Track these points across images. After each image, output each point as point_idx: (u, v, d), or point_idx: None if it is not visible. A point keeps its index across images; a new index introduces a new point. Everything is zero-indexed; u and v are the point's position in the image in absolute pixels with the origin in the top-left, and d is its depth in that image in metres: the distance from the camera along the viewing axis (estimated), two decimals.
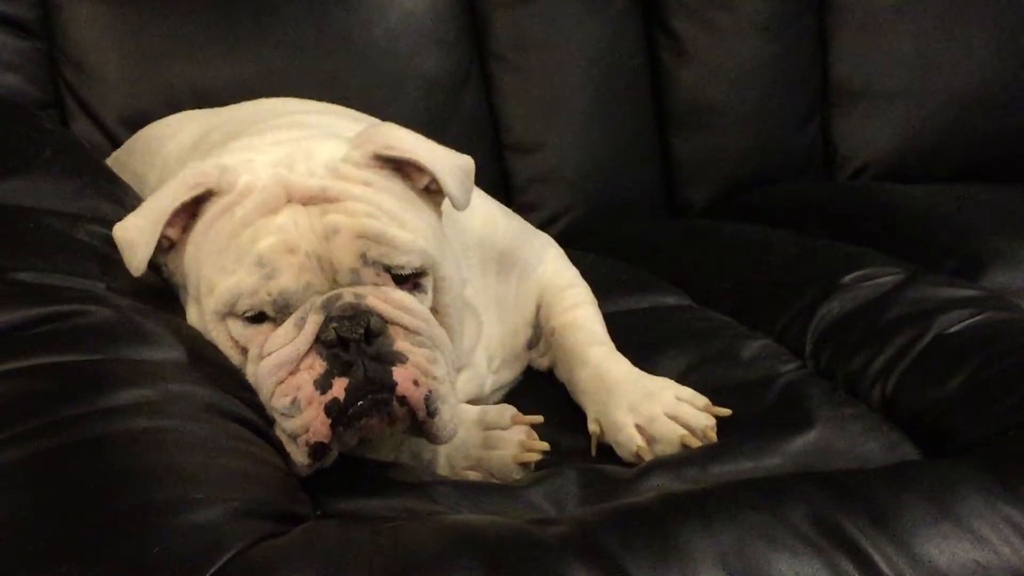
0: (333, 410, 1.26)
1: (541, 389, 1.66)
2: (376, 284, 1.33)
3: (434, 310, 1.37)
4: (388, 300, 1.31)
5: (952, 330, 1.57)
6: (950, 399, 1.47)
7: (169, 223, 1.35)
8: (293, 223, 1.32)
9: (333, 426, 1.27)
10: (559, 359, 1.66)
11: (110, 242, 1.40)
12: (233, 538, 1.04)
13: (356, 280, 1.32)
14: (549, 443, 1.47)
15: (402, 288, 1.34)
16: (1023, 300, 1.77)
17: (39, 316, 1.25)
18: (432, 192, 1.43)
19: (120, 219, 1.38)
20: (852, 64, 2.70)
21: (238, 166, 1.37)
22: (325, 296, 1.30)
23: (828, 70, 2.71)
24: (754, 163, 2.65)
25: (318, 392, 1.27)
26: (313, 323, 1.28)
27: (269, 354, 1.30)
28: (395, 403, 1.29)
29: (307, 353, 1.29)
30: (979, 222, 2.15)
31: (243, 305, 1.30)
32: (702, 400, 1.52)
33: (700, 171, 2.66)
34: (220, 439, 1.18)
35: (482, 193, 1.69)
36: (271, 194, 1.33)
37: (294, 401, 1.27)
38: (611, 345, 1.63)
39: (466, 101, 2.50)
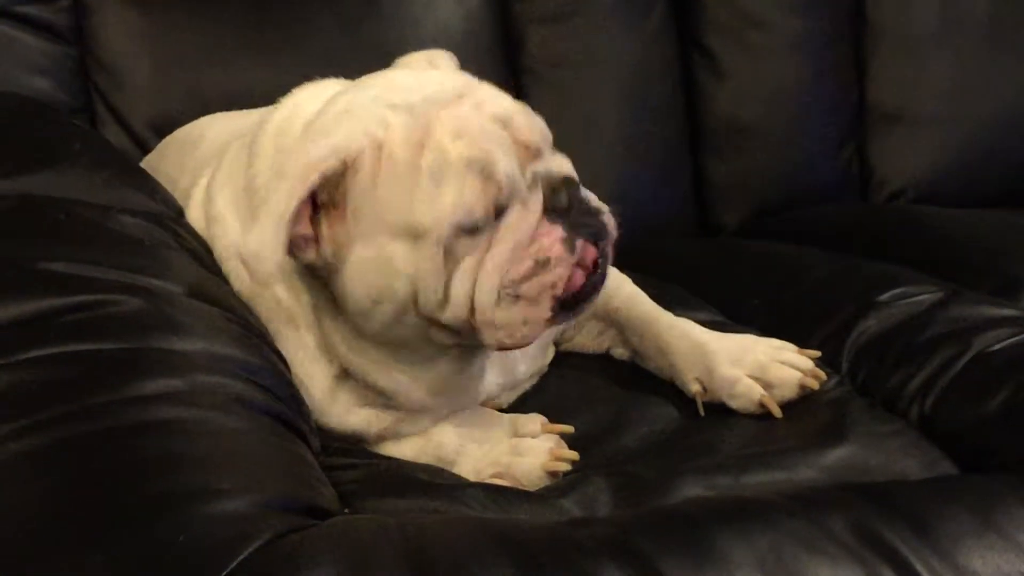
0: (593, 266, 1.37)
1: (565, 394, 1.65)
2: None
3: None
4: (565, 163, 1.41)
5: (992, 349, 1.54)
6: (991, 418, 1.43)
7: (297, 222, 1.31)
8: (465, 121, 1.33)
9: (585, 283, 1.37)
10: (632, 331, 1.67)
11: (141, 231, 1.39)
12: (260, 529, 1.01)
13: (541, 156, 1.38)
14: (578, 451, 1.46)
15: None
16: None
17: (68, 305, 1.24)
18: None
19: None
20: (889, 87, 2.66)
21: (347, 123, 1.35)
22: (530, 172, 1.34)
23: (864, 93, 2.68)
24: (788, 185, 2.61)
25: (568, 252, 1.34)
26: (537, 198, 1.34)
27: (500, 241, 1.33)
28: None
29: (538, 224, 1.34)
30: (1016, 245, 2.11)
31: (478, 213, 1.31)
32: (791, 346, 1.56)
33: (733, 192, 2.62)
34: (249, 431, 1.17)
35: None
36: (420, 114, 1.33)
37: (544, 261, 1.33)
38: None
39: None
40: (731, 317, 1.86)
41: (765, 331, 1.70)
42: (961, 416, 1.47)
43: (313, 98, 1.47)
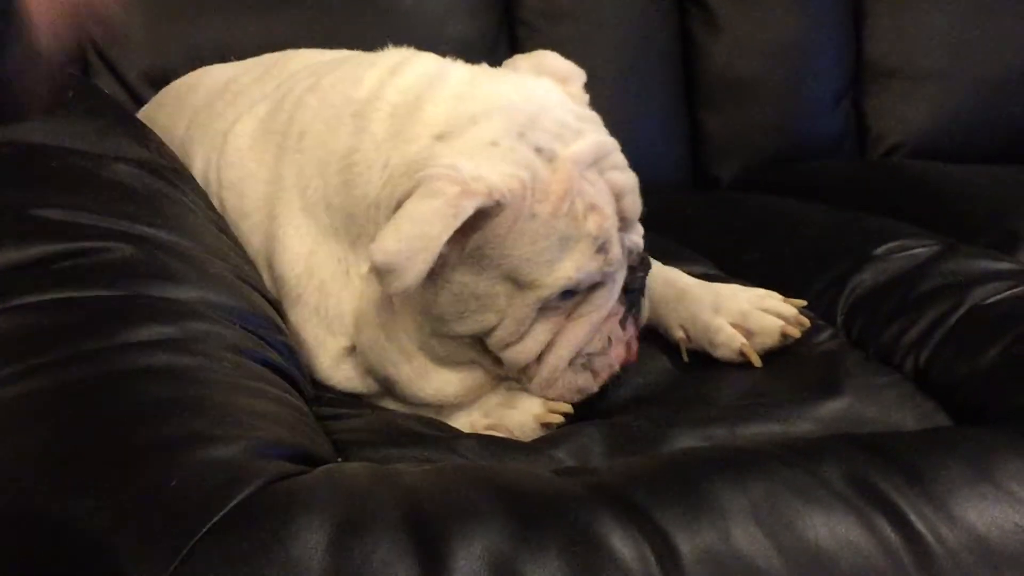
0: (634, 341, 1.47)
1: None
2: None
3: None
4: (639, 233, 1.47)
5: (988, 302, 1.54)
6: (986, 371, 1.43)
7: None
8: (598, 195, 1.35)
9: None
10: None
11: (135, 179, 1.38)
12: (252, 475, 1.00)
13: (631, 228, 1.44)
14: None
15: None
16: None
17: (61, 252, 1.24)
18: None
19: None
20: (887, 43, 2.67)
21: (498, 159, 1.31)
22: (623, 243, 1.41)
23: (862, 48, 2.68)
24: (784, 140, 2.62)
25: (624, 330, 1.44)
26: (622, 276, 1.43)
27: (586, 313, 1.40)
28: None
29: None
30: (1013, 201, 2.11)
31: (584, 284, 1.37)
32: (776, 294, 1.55)
33: (729, 146, 2.63)
34: (242, 378, 1.16)
35: None
36: (564, 173, 1.33)
37: (609, 341, 1.43)
38: None
39: None
40: (727, 271, 1.86)
41: (762, 284, 1.69)
42: (956, 369, 1.46)
43: (433, 83, 1.43)
